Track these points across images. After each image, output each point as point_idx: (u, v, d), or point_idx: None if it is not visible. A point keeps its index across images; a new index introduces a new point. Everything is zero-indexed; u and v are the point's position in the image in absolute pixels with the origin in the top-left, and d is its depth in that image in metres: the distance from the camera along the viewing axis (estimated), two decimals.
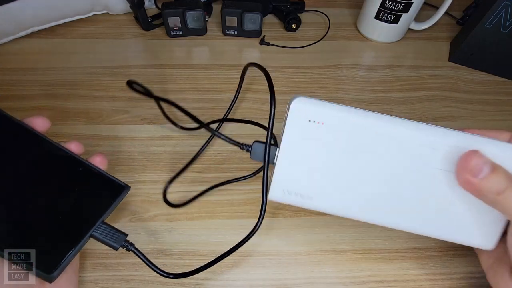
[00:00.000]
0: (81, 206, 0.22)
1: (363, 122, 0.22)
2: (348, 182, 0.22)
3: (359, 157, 0.22)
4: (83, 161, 0.23)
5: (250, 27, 0.45)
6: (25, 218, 0.20)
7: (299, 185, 0.23)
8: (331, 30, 0.49)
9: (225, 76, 0.42)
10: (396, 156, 0.22)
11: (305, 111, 0.21)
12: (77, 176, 0.22)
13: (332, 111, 0.21)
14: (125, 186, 0.23)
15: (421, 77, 0.44)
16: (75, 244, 0.20)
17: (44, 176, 0.22)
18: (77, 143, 0.24)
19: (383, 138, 0.22)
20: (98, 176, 0.23)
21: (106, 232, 0.22)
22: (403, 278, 0.28)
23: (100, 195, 0.22)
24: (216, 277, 0.28)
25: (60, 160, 0.23)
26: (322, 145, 0.22)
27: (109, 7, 0.46)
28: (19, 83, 0.39)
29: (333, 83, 0.42)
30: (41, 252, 0.19)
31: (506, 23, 0.39)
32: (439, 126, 0.21)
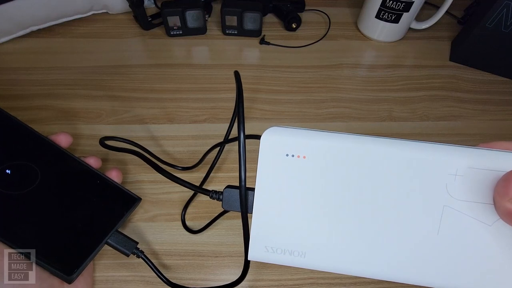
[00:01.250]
0: (98, 215, 0.24)
1: (357, 149, 0.17)
2: (349, 231, 0.17)
3: (357, 196, 0.17)
4: (101, 174, 0.25)
5: (250, 26, 0.45)
6: (51, 224, 0.22)
7: (285, 238, 0.18)
8: (331, 29, 0.48)
9: (225, 75, 0.42)
10: (405, 188, 0.17)
11: (281, 144, 0.17)
12: (95, 188, 0.25)
13: (315, 140, 0.17)
14: (137, 198, 0.26)
15: (422, 77, 0.44)
16: (92, 250, 0.22)
17: (67, 188, 0.24)
18: (96, 158, 0.26)
19: (386, 168, 0.17)
20: (113, 189, 0.25)
21: (119, 240, 0.24)
22: None
23: (114, 206, 0.25)
24: (215, 277, 0.28)
25: (81, 174, 0.25)
26: (307, 184, 0.17)
27: (109, 6, 0.46)
28: (19, 83, 0.39)
29: (334, 82, 0.42)
30: (62, 256, 0.22)
31: (507, 22, 0.39)
32: (451, 144, 0.16)
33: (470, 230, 0.16)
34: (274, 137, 0.17)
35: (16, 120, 0.25)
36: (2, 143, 0.24)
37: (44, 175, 0.23)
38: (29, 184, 0.23)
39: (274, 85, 0.41)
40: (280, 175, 0.17)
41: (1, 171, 0.22)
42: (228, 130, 0.31)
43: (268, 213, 0.18)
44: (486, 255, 0.16)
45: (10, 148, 0.24)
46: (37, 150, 0.24)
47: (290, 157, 0.17)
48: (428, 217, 0.16)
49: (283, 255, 0.18)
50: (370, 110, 0.40)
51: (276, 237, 0.18)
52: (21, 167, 0.23)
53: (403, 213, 0.17)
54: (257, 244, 0.18)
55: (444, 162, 0.16)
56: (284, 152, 0.17)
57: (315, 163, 0.17)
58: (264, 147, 0.17)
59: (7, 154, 0.23)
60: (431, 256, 0.17)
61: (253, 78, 0.42)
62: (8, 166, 0.23)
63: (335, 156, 0.17)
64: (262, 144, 0.17)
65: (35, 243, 0.21)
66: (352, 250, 0.17)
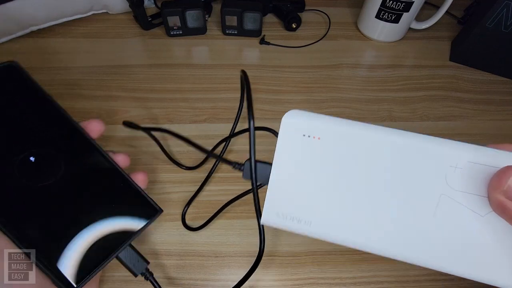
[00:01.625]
0: (113, 224, 0.21)
1: (367, 136, 0.19)
2: (352, 206, 0.19)
3: (363, 175, 0.19)
4: (126, 177, 0.22)
5: (250, 26, 0.45)
6: (62, 226, 0.20)
7: (295, 207, 0.20)
8: (331, 29, 0.48)
9: (225, 75, 0.42)
10: (408, 175, 0.18)
11: (299, 125, 0.19)
12: (117, 192, 0.22)
13: (330, 124, 0.19)
14: (158, 210, 0.22)
15: (422, 77, 0.44)
16: (100, 263, 0.20)
17: (88, 187, 0.21)
18: (125, 156, 0.23)
19: (391, 155, 0.19)
20: (135, 195, 0.22)
21: (131, 256, 0.21)
22: (404, 279, 0.28)
23: (133, 215, 0.22)
24: (215, 277, 0.27)
25: (106, 173, 0.22)
26: (319, 162, 0.19)
27: (109, 6, 0.46)
28: None
29: (334, 82, 0.42)
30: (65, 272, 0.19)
31: (507, 22, 0.39)
32: (455, 140, 0.18)
33: (464, 218, 0.18)
34: (293, 119, 0.19)
35: (50, 99, 0.21)
36: (32, 124, 0.20)
37: (67, 168, 0.20)
38: (50, 177, 0.20)
39: (274, 85, 0.41)
40: (295, 152, 0.19)
41: (25, 157, 0.19)
42: (234, 124, 0.31)
43: (282, 184, 0.20)
44: (476, 242, 0.18)
45: (39, 132, 0.20)
46: (66, 138, 0.21)
47: (306, 137, 0.19)
48: (426, 201, 0.18)
49: (292, 221, 0.20)
50: (370, 110, 0.40)
51: (287, 205, 0.20)
52: (46, 156, 0.20)
53: (404, 195, 0.18)
54: (270, 210, 0.20)
55: (446, 155, 0.18)
56: (302, 133, 0.19)
57: (328, 144, 0.19)
58: (284, 127, 0.19)
59: (35, 139, 0.20)
60: (425, 236, 0.18)
61: (253, 78, 0.42)
62: (33, 153, 0.20)
63: (347, 140, 0.19)
64: (282, 124, 0.19)
65: (38, 244, 0.19)
66: (353, 223, 0.19)
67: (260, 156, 0.20)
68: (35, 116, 0.20)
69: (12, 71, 0.20)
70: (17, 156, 0.19)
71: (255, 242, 0.29)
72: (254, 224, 0.30)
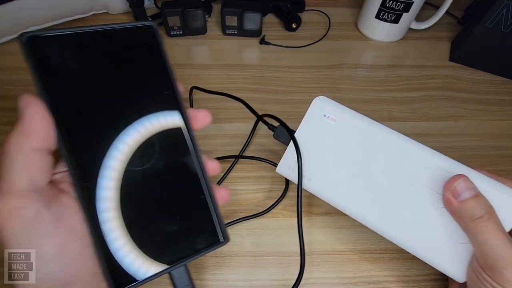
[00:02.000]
0: (176, 237, 0.18)
1: (370, 128, 0.25)
2: (343, 175, 0.25)
3: (358, 156, 0.25)
4: (207, 189, 0.19)
5: (250, 26, 0.45)
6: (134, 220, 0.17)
7: (302, 165, 0.26)
8: (331, 29, 0.49)
9: (225, 75, 0.42)
10: (391, 164, 0.24)
11: (323, 108, 0.26)
12: (192, 203, 0.19)
13: (346, 113, 0.25)
14: (224, 239, 0.19)
15: (422, 77, 0.44)
16: (150, 277, 0.17)
17: (171, 185, 0.19)
18: (217, 164, 0.20)
19: (383, 146, 0.24)
20: (208, 214, 0.19)
21: (182, 278, 0.18)
22: (404, 279, 0.28)
23: (198, 235, 0.19)
24: (216, 277, 0.27)
25: (193, 177, 0.19)
26: (330, 138, 0.25)
27: (109, 6, 0.46)
28: (19, 83, 0.39)
29: (334, 82, 0.42)
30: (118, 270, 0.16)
31: (507, 22, 0.39)
32: (432, 149, 0.24)
33: (422, 207, 0.23)
34: (321, 102, 0.26)
35: (168, 70, 0.19)
36: (144, 95, 0.18)
37: (159, 158, 0.18)
38: (141, 162, 0.18)
39: (274, 85, 0.41)
40: (315, 126, 0.26)
41: (125, 133, 0.17)
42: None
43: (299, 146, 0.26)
44: (426, 228, 0.23)
45: (147, 106, 0.18)
46: (170, 122, 0.19)
47: (326, 117, 0.26)
48: (398, 187, 0.24)
49: (297, 175, 0.26)
50: (370, 110, 0.40)
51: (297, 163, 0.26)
52: (148, 140, 0.18)
53: (385, 177, 0.24)
54: (284, 163, 0.27)
55: (423, 157, 0.23)
56: (323, 113, 0.26)
57: (340, 126, 0.25)
58: (312, 107, 0.26)
59: (141, 113, 0.18)
60: (390, 213, 0.24)
61: (253, 78, 0.42)
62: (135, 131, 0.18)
63: (354, 127, 0.25)
64: (312, 104, 0.26)
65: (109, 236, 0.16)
66: (342, 189, 0.25)
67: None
68: (151, 89, 0.18)
69: (147, 33, 0.18)
70: (119, 130, 0.17)
71: (255, 242, 0.29)
72: (254, 224, 0.30)
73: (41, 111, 0.15)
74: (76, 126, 0.16)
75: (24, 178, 0.15)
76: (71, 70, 0.16)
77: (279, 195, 0.32)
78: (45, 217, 0.15)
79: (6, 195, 0.14)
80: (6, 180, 0.14)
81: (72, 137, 0.16)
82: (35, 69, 0.15)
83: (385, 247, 0.29)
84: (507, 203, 0.21)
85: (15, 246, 0.14)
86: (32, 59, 0.15)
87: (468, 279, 0.22)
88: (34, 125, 0.15)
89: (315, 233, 0.30)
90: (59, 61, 0.16)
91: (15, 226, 0.14)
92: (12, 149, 0.15)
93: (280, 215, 0.31)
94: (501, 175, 0.23)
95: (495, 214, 0.21)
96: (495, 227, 0.20)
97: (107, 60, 0.17)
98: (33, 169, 0.15)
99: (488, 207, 0.21)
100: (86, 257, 0.16)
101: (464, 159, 0.36)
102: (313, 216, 0.31)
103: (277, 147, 0.35)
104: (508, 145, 0.37)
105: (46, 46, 0.15)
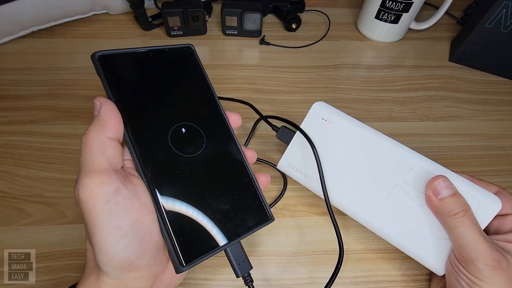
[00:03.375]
0: (230, 216, 0.21)
1: (362, 132, 0.27)
2: (336, 172, 0.27)
3: (351, 156, 0.27)
4: (251, 174, 0.22)
5: (250, 26, 0.45)
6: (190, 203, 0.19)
7: (301, 163, 0.28)
8: (331, 29, 0.49)
9: (225, 76, 0.42)
10: (379, 165, 0.26)
11: (322, 112, 0.28)
12: (240, 186, 0.22)
13: (341, 117, 0.28)
14: (271, 217, 0.22)
15: (421, 77, 0.44)
16: (210, 250, 0.19)
17: (218, 171, 0.21)
18: (253, 154, 0.23)
19: (372, 148, 0.26)
20: (255, 195, 0.22)
21: (238, 254, 0.21)
22: (403, 278, 0.28)
23: (247, 214, 0.21)
24: (216, 277, 0.28)
25: (236, 163, 0.22)
26: (326, 139, 0.28)
27: (109, 7, 0.46)
28: (19, 83, 0.39)
29: (333, 83, 0.42)
30: (183, 245, 0.18)
31: (507, 23, 0.39)
32: (417, 151, 0.26)
33: (406, 205, 0.25)
34: (319, 106, 0.28)
35: (209, 84, 0.23)
36: (191, 100, 0.22)
37: (207, 148, 0.21)
38: (191, 151, 0.21)
39: (274, 85, 0.41)
40: (314, 128, 0.28)
41: (178, 127, 0.21)
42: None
43: (298, 146, 0.29)
44: (410, 224, 0.25)
45: (194, 109, 0.22)
46: (213, 121, 0.22)
47: (324, 120, 0.28)
48: (385, 185, 0.26)
49: (296, 172, 0.29)
50: (370, 110, 0.40)
51: (296, 160, 0.29)
52: (195, 132, 0.21)
53: (373, 176, 0.26)
54: (285, 161, 0.29)
55: (409, 159, 0.25)
56: (321, 117, 0.28)
57: (335, 129, 0.28)
58: (312, 111, 0.28)
59: (190, 114, 0.21)
60: (377, 209, 0.26)
61: (253, 78, 0.42)
62: (186, 126, 0.21)
63: (348, 130, 0.27)
64: (312, 108, 0.28)
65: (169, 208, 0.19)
66: (334, 185, 0.27)
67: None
68: (194, 94, 0.22)
69: (188, 51, 0.23)
70: (173, 125, 0.20)
71: (255, 242, 0.29)
72: None
73: (114, 107, 0.18)
74: (135, 120, 0.19)
75: (104, 160, 0.17)
76: (132, 80, 0.20)
77: (277, 195, 0.32)
78: (124, 193, 0.17)
79: (91, 173, 0.16)
80: (90, 162, 0.17)
81: (133, 129, 0.19)
82: (105, 77, 0.19)
83: (385, 247, 0.29)
84: (482, 203, 0.23)
85: (100, 218, 0.16)
86: (103, 71, 0.19)
87: (446, 272, 0.24)
88: (108, 118, 0.18)
89: (315, 233, 0.30)
90: (123, 72, 0.20)
91: (101, 199, 0.16)
92: (92, 137, 0.17)
93: (280, 215, 0.31)
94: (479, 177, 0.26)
95: (471, 211, 0.22)
96: (470, 222, 0.22)
97: (157, 71, 0.21)
98: (110, 153, 0.17)
99: (464, 205, 0.22)
100: (154, 232, 0.18)
101: (463, 159, 0.36)
102: (312, 216, 0.31)
103: (271, 149, 0.35)
104: (508, 145, 0.37)
105: (113, 61, 0.20)
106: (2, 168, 0.32)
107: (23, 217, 0.29)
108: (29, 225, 0.29)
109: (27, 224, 0.29)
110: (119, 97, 0.19)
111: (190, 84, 0.22)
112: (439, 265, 0.24)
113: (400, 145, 0.26)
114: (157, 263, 0.19)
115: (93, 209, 0.16)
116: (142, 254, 0.17)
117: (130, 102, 0.19)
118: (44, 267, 0.27)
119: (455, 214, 0.22)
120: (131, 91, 0.20)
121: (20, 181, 0.31)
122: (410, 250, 0.25)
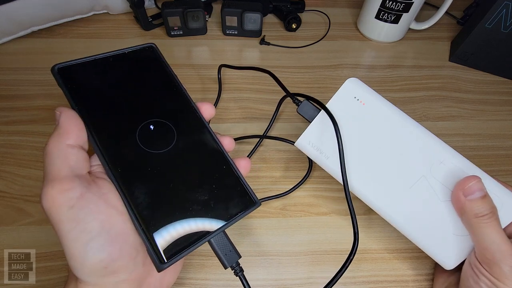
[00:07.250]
0: (210, 206, 0.20)
1: (395, 117, 0.25)
2: (361, 158, 0.26)
3: (379, 141, 0.25)
4: (229, 160, 0.22)
5: (250, 26, 0.45)
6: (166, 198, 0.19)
7: (322, 143, 0.27)
8: (331, 29, 0.49)
9: (225, 75, 0.42)
10: (409, 153, 0.25)
11: (355, 90, 0.26)
12: (218, 174, 0.21)
13: (376, 98, 0.26)
14: (256, 202, 0.21)
15: (422, 77, 0.44)
16: (191, 244, 0.19)
17: (193, 163, 0.21)
18: (231, 140, 0.23)
19: (404, 135, 0.25)
20: (236, 182, 0.21)
21: (223, 244, 0.20)
22: (403, 278, 0.28)
23: (230, 201, 0.21)
24: (215, 277, 0.28)
25: (211, 152, 0.22)
26: (355, 120, 0.26)
27: (109, 7, 0.46)
28: (19, 83, 0.39)
29: (333, 83, 0.42)
30: (161, 241, 0.18)
31: (507, 23, 0.39)
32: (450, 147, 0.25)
33: (428, 198, 0.24)
34: (352, 84, 0.26)
35: (175, 78, 0.23)
36: (157, 97, 0.22)
37: (179, 141, 0.21)
38: (162, 146, 0.20)
39: (274, 85, 0.41)
40: (344, 107, 0.26)
41: (146, 125, 0.21)
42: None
43: (321, 125, 0.27)
44: (429, 217, 0.24)
45: (161, 105, 0.22)
46: (181, 112, 0.22)
47: (356, 99, 0.26)
48: (410, 176, 0.25)
49: (316, 151, 0.27)
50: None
51: (318, 139, 0.27)
52: (163, 127, 0.21)
53: (399, 165, 0.25)
54: (305, 139, 0.27)
55: (440, 152, 0.24)
56: (354, 95, 0.26)
57: (367, 110, 0.26)
58: (344, 87, 0.26)
59: (157, 110, 0.21)
60: (398, 198, 0.25)
61: (253, 78, 0.42)
62: (153, 123, 0.21)
63: (381, 113, 0.26)
64: (344, 85, 0.26)
65: (143, 208, 0.18)
66: (357, 171, 0.26)
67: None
68: (160, 90, 0.22)
69: (149, 51, 0.23)
70: (139, 124, 0.20)
71: (254, 241, 0.29)
72: (254, 224, 0.30)
73: (73, 115, 0.18)
74: (101, 124, 0.19)
75: (65, 167, 0.17)
76: (94, 86, 0.20)
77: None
78: (88, 196, 0.17)
79: (51, 182, 0.16)
80: (50, 171, 0.17)
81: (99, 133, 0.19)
82: (66, 88, 0.20)
83: (385, 247, 0.29)
84: (506, 204, 0.23)
85: (64, 225, 0.16)
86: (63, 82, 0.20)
87: (463, 274, 0.23)
88: (68, 126, 0.18)
89: (315, 233, 0.30)
90: (84, 80, 0.20)
91: (63, 206, 0.16)
92: (52, 147, 0.17)
93: (280, 215, 0.31)
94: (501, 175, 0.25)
95: (497, 214, 0.22)
96: (496, 224, 0.22)
97: (119, 75, 0.21)
98: (71, 160, 0.17)
99: (493, 207, 0.22)
100: (128, 233, 0.18)
101: None
102: (312, 216, 0.31)
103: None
104: (508, 145, 0.37)
105: (73, 72, 0.21)
106: (2, 168, 0.32)
107: (23, 217, 0.29)
108: (29, 225, 0.29)
109: (27, 224, 0.29)
110: (82, 104, 0.19)
111: (155, 82, 0.22)
112: (449, 259, 0.24)
113: (434, 137, 0.25)
114: (138, 265, 0.18)
115: (57, 216, 0.16)
116: (118, 256, 0.17)
117: (93, 108, 0.20)
118: (44, 267, 0.27)
119: (483, 216, 0.22)
120: (94, 97, 0.20)
121: (20, 181, 0.31)
122: (421, 240, 0.25)
